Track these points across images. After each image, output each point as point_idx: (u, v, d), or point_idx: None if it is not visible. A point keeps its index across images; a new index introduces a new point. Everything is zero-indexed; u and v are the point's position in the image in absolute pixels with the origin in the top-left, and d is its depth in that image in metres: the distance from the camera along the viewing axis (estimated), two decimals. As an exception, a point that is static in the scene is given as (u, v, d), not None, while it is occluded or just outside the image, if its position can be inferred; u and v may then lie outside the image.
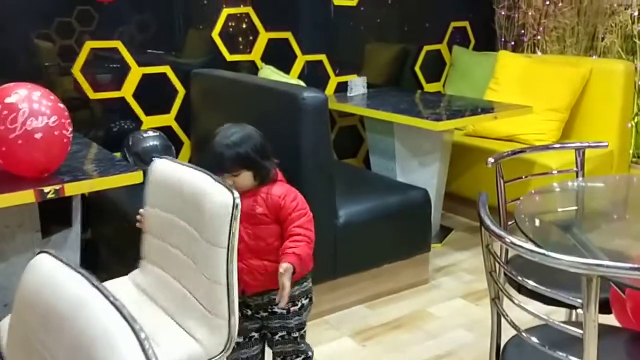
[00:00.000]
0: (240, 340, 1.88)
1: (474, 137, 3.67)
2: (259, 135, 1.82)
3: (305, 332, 1.94)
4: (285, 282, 1.68)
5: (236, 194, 1.54)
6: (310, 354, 1.96)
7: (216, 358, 1.55)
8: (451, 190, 3.56)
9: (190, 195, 1.63)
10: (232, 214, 1.51)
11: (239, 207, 1.52)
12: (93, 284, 0.94)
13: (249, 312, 1.89)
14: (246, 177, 1.78)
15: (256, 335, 1.92)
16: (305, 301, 1.89)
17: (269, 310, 1.87)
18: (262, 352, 1.98)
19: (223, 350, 1.57)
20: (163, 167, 1.80)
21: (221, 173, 1.70)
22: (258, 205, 1.78)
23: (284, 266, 1.69)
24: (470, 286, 2.89)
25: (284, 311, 1.86)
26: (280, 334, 1.89)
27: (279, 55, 3.45)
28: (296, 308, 1.87)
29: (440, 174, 3.31)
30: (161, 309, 1.72)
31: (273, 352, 1.95)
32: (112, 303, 0.89)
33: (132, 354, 0.80)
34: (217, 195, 1.56)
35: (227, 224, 1.51)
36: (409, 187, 2.94)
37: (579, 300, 1.20)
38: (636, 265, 1.11)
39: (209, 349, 1.56)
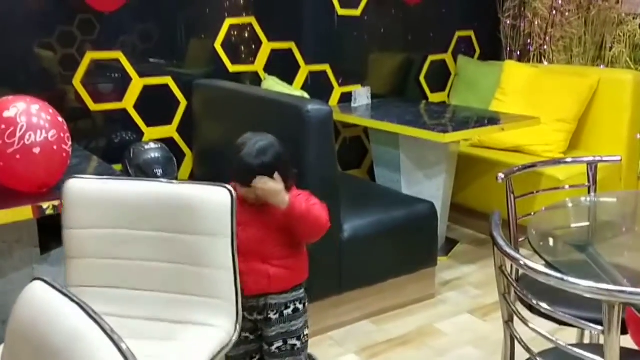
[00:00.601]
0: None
1: (480, 147, 3.62)
2: (280, 144, 1.82)
3: (305, 345, 1.90)
4: (268, 186, 1.72)
5: (231, 189, 1.64)
6: None
7: (234, 337, 1.64)
8: (457, 201, 3.50)
9: (172, 202, 1.64)
10: (232, 207, 1.62)
11: (235, 199, 1.63)
12: (90, 315, 0.89)
13: (244, 314, 1.82)
14: None
15: (251, 336, 1.90)
16: (299, 305, 1.87)
17: (264, 315, 1.85)
18: (261, 349, 1.92)
19: (235, 330, 1.64)
20: (90, 185, 1.73)
21: (248, 184, 1.72)
22: (268, 212, 1.78)
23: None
24: (477, 301, 2.83)
25: (277, 316, 1.84)
26: (276, 344, 1.85)
27: (282, 66, 3.41)
28: (289, 311, 1.85)
29: (446, 186, 3.26)
30: (160, 322, 1.68)
31: None
32: (109, 336, 0.84)
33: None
34: (213, 194, 1.63)
35: (228, 214, 1.60)
36: (415, 200, 2.88)
37: (600, 327, 1.14)
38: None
39: (229, 330, 1.63)
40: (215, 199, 1.61)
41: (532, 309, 1.78)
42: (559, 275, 1.18)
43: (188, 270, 1.61)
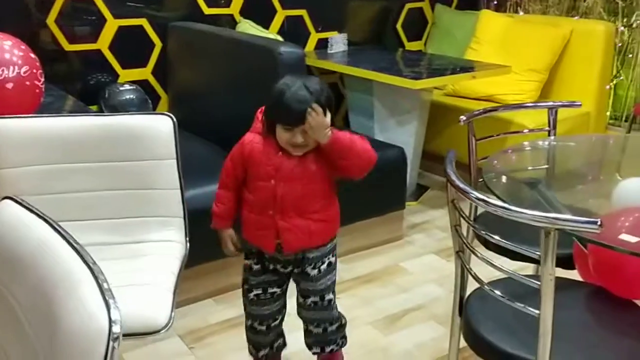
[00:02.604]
0: (260, 292, 1.80)
1: (453, 96, 3.67)
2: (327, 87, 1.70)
3: (335, 296, 1.84)
4: (321, 117, 1.57)
5: (172, 116, 1.72)
6: (344, 321, 1.89)
7: (187, 246, 1.80)
8: (429, 149, 3.58)
9: (114, 133, 1.72)
10: (174, 132, 1.71)
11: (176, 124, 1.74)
12: (56, 229, 0.95)
13: (277, 267, 1.78)
14: None
15: (278, 290, 1.82)
16: (333, 259, 1.81)
17: (301, 268, 1.76)
18: (284, 306, 1.87)
19: (186, 241, 1.80)
20: (21, 124, 1.73)
21: (300, 122, 1.57)
22: (311, 162, 1.66)
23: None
24: (443, 243, 2.94)
25: (315, 272, 1.76)
26: (312, 298, 1.78)
27: (258, 10, 3.40)
28: (325, 266, 1.78)
29: (417, 133, 3.33)
30: (118, 244, 1.77)
31: (304, 319, 1.84)
32: (73, 247, 0.91)
33: (91, 297, 0.82)
34: (156, 122, 1.73)
35: (172, 139, 1.70)
36: (385, 145, 2.95)
37: (537, 252, 1.23)
38: (592, 220, 1.14)
39: (182, 242, 1.77)
40: (159, 125, 1.69)
41: (487, 245, 1.88)
42: (498, 202, 1.26)
43: (138, 194, 1.70)
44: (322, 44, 3.67)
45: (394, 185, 2.91)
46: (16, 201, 1.01)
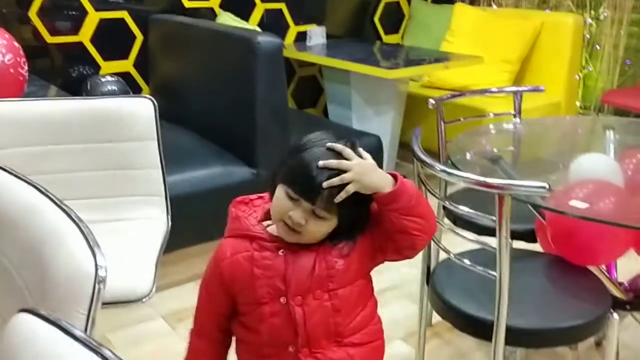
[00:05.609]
0: None
1: (429, 88, 3.77)
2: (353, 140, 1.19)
3: None
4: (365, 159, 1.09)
5: (152, 99, 1.73)
6: None
7: (169, 224, 1.83)
8: (407, 140, 3.66)
9: (96, 115, 1.77)
10: (155, 113, 1.77)
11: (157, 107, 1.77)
12: (42, 192, 1.03)
13: None
14: (332, 223, 1.10)
15: None
16: None
17: None
18: None
19: (168, 219, 1.85)
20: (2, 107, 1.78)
21: (299, 199, 1.07)
22: (335, 258, 1.11)
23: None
24: (419, 227, 3.02)
25: None
26: None
27: (237, 3, 3.48)
28: None
29: (394, 123, 3.43)
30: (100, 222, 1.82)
31: None
32: (59, 207, 0.99)
33: (78, 247, 0.90)
34: (137, 104, 1.78)
35: (153, 120, 1.74)
36: (362, 133, 3.05)
37: (493, 217, 1.33)
38: (541, 184, 1.24)
39: (164, 220, 1.82)
40: (140, 108, 1.76)
41: (455, 221, 1.98)
42: (461, 172, 1.35)
43: (120, 174, 1.78)
44: (301, 37, 3.76)
45: (371, 171, 2.99)
46: (3, 169, 1.08)
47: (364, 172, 1.05)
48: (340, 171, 1.05)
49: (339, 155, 1.06)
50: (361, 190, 1.06)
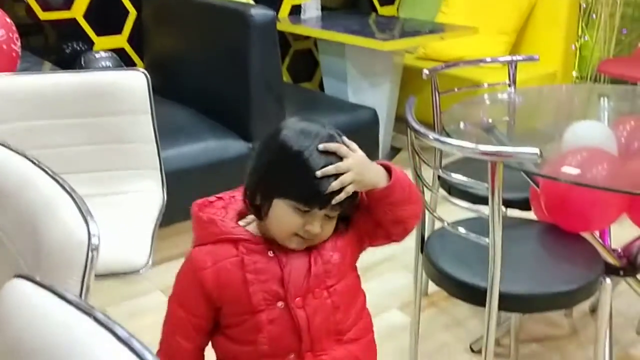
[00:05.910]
0: None
1: (425, 59, 3.75)
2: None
3: None
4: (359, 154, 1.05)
5: (144, 72, 1.73)
6: None
7: (165, 197, 1.83)
8: (403, 112, 3.65)
9: (89, 89, 1.77)
10: (148, 86, 1.74)
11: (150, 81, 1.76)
12: (36, 164, 1.04)
13: None
14: (336, 217, 1.07)
15: None
16: None
17: None
18: None
19: (163, 191, 1.85)
20: None
21: (312, 209, 1.01)
22: (330, 252, 1.07)
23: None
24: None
25: None
26: None
27: (231, -24, 3.44)
28: None
29: (390, 96, 3.42)
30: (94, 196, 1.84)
31: None
32: (52, 178, 0.99)
33: (71, 216, 0.91)
34: (130, 77, 1.78)
35: (146, 93, 1.73)
36: (358, 106, 3.05)
37: (486, 184, 1.34)
38: (532, 150, 1.25)
39: (159, 193, 1.83)
40: (133, 81, 1.76)
41: (450, 191, 1.99)
42: (453, 140, 1.36)
43: (115, 148, 1.78)
44: (296, 10, 3.73)
45: (367, 145, 2.90)
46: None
47: (361, 171, 1.02)
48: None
49: (334, 155, 1.02)
50: (359, 189, 1.03)
